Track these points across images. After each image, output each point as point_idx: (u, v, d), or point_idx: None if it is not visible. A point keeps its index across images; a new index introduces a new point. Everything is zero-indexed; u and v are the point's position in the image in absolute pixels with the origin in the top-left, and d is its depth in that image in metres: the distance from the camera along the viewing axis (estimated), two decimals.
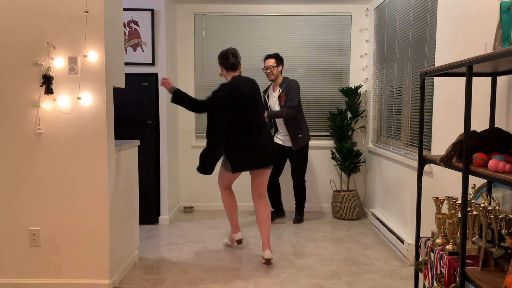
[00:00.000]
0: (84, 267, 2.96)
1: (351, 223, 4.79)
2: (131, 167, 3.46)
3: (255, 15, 5.22)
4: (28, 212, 2.95)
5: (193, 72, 5.26)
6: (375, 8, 4.85)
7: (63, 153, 2.91)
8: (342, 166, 4.99)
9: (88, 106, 2.89)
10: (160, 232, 4.40)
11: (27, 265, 2.97)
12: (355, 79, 5.25)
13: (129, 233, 3.43)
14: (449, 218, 2.13)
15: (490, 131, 1.95)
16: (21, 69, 2.87)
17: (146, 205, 4.64)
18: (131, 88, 4.55)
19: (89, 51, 2.86)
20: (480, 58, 1.73)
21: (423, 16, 3.46)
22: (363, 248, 3.91)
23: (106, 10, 2.88)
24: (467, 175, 1.87)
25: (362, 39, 5.21)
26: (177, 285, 3.10)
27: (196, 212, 5.28)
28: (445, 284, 2.02)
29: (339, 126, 5.02)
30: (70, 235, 2.95)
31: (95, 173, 2.91)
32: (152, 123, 4.62)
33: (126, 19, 4.57)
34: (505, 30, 1.81)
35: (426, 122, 3.36)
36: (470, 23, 2.64)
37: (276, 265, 3.49)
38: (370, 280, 3.20)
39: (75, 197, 2.93)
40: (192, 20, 5.23)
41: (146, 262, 3.57)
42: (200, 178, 5.34)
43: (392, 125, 4.26)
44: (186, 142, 5.33)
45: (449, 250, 2.08)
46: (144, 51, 4.61)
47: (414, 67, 3.66)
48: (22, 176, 2.92)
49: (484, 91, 2.44)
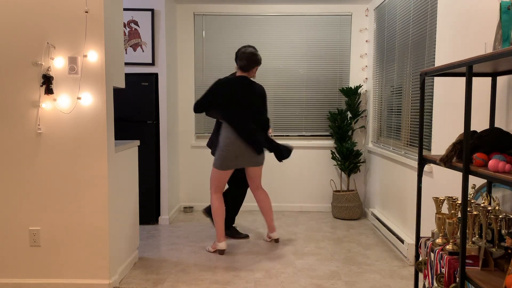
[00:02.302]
0: (84, 267, 2.96)
1: (351, 223, 4.79)
2: (131, 167, 3.46)
3: (255, 15, 5.22)
4: (28, 212, 2.95)
5: (193, 72, 5.26)
6: (375, 8, 4.85)
7: (63, 153, 2.91)
8: (342, 166, 4.99)
9: (88, 106, 2.89)
10: (160, 232, 4.40)
11: (27, 265, 2.97)
12: (355, 79, 5.25)
13: (129, 233, 3.43)
14: (449, 218, 2.13)
15: (490, 131, 1.95)
16: (21, 69, 2.87)
17: (146, 205, 4.64)
18: (131, 88, 4.55)
19: (89, 51, 2.86)
20: (480, 58, 1.73)
21: (423, 16, 3.46)
22: (363, 248, 3.91)
23: (106, 10, 2.88)
24: (467, 175, 1.87)
25: (362, 39, 5.21)
26: (177, 285, 3.10)
27: (196, 212, 5.28)
28: (445, 284, 2.02)
29: (339, 126, 5.02)
30: (70, 235, 2.95)
31: (95, 173, 2.91)
32: (152, 123, 4.62)
33: (126, 19, 4.57)
34: (505, 30, 1.81)
35: (426, 122, 3.36)
36: (470, 23, 2.64)
37: (276, 265, 3.49)
38: (370, 280, 3.20)
39: (75, 197, 2.93)
40: (192, 20, 5.23)
41: (146, 262, 3.57)
42: (200, 178, 5.34)
43: (392, 125, 4.26)
44: (186, 142, 5.32)
45: (449, 250, 2.08)
46: (144, 51, 4.61)
47: (414, 67, 3.66)
48: (22, 176, 2.92)
49: (484, 91, 2.44)
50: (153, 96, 4.60)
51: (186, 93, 5.28)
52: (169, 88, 4.78)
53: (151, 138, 4.62)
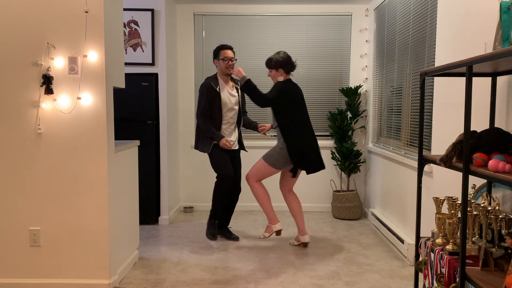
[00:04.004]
0: (84, 267, 2.96)
1: (351, 223, 4.79)
2: (131, 167, 3.46)
3: (255, 15, 5.22)
4: (28, 212, 2.94)
5: (193, 72, 5.26)
6: (375, 8, 4.85)
7: (63, 153, 2.91)
8: (342, 166, 4.99)
9: (88, 106, 2.89)
10: (160, 232, 4.40)
11: (27, 265, 2.97)
12: (355, 79, 5.25)
13: (129, 233, 3.43)
14: (449, 218, 2.13)
15: (490, 131, 1.95)
16: (21, 69, 2.87)
17: (146, 205, 4.64)
18: (131, 88, 4.55)
19: (89, 51, 2.86)
20: (480, 58, 1.73)
21: (423, 16, 3.46)
22: (363, 248, 3.91)
23: (106, 10, 2.88)
24: (467, 175, 1.87)
25: (362, 39, 5.21)
26: (177, 285, 3.10)
27: (196, 212, 5.28)
28: (445, 284, 2.02)
29: (339, 126, 5.02)
30: (70, 235, 2.95)
31: (95, 173, 2.91)
32: (152, 123, 4.62)
33: (126, 19, 4.57)
34: (505, 30, 1.81)
35: (426, 122, 3.36)
36: (470, 23, 2.64)
37: (276, 265, 3.49)
38: (370, 280, 3.20)
39: (75, 197, 2.93)
40: (192, 20, 5.23)
41: (146, 262, 3.57)
42: (200, 178, 5.34)
43: (392, 125, 4.26)
44: (186, 142, 5.32)
45: (449, 250, 2.08)
46: (144, 51, 4.61)
47: (414, 67, 3.66)
48: (22, 176, 2.92)
49: (484, 91, 2.44)
50: (153, 96, 4.60)
51: (186, 93, 5.28)
52: (169, 88, 4.78)
53: (151, 138, 4.62)
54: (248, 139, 5.22)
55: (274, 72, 3.90)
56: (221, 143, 3.88)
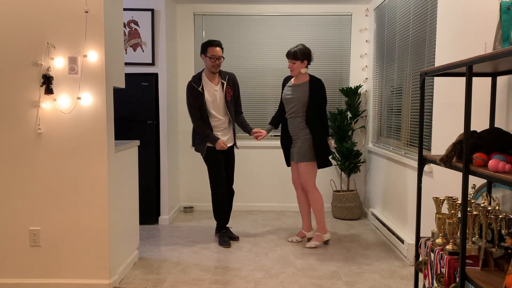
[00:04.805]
0: (84, 267, 2.96)
1: (351, 223, 4.79)
2: (131, 167, 3.46)
3: (255, 15, 5.22)
4: (28, 212, 2.94)
5: (193, 72, 5.26)
6: (375, 8, 4.85)
7: (63, 153, 2.91)
8: (342, 166, 4.99)
9: (88, 106, 2.89)
10: (160, 232, 4.40)
11: (27, 265, 2.97)
12: (355, 79, 5.25)
13: (129, 233, 3.43)
14: (449, 218, 2.13)
15: (490, 131, 1.96)
16: (21, 69, 2.87)
17: (146, 205, 4.64)
18: (131, 88, 4.55)
19: (89, 51, 2.86)
20: (480, 58, 1.73)
21: (423, 16, 3.46)
22: (363, 248, 3.91)
23: (106, 10, 2.88)
24: (467, 175, 1.87)
25: (362, 39, 5.21)
26: (177, 285, 3.10)
27: (196, 212, 5.28)
28: (445, 284, 2.02)
29: (339, 126, 5.02)
30: (70, 235, 2.95)
31: (95, 173, 2.91)
32: (152, 123, 4.62)
33: (126, 19, 4.57)
34: (505, 30, 1.81)
35: (426, 122, 3.36)
36: (470, 23, 2.64)
37: (276, 265, 3.49)
38: (370, 280, 3.20)
39: (75, 197, 2.93)
40: (192, 20, 5.23)
41: (146, 262, 3.57)
42: (200, 178, 5.33)
43: (392, 125, 4.26)
44: (186, 142, 5.32)
45: (449, 250, 2.08)
46: (144, 51, 4.61)
47: (414, 67, 3.66)
48: (22, 176, 2.92)
49: (484, 91, 2.44)
50: (153, 96, 4.60)
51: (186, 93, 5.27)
52: (169, 88, 4.78)
53: (151, 138, 4.62)
54: (243, 139, 5.21)
55: (298, 63, 3.89)
56: (217, 146, 3.86)
